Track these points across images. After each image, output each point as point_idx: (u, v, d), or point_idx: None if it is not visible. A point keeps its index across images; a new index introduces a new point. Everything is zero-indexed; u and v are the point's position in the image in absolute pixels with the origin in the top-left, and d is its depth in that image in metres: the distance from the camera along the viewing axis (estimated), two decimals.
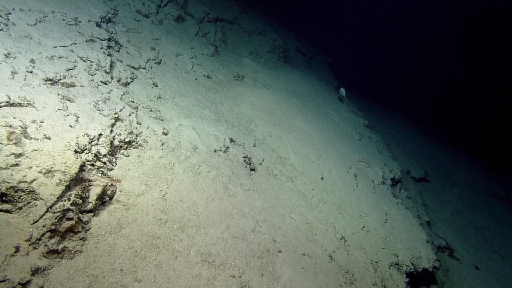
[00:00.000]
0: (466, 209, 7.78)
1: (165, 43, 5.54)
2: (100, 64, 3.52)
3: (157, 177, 3.04)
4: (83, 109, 2.82)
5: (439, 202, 7.47)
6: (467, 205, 7.97)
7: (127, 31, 4.98)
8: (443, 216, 6.96)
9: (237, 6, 9.16)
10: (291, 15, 13.85)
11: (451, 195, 8.09)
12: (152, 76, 4.46)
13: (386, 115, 12.33)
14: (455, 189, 8.50)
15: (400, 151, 8.75)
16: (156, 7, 6.31)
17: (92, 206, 2.24)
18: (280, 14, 12.93)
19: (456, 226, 6.84)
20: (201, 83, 5.21)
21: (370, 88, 14.67)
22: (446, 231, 6.38)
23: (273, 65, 8.22)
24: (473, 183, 9.27)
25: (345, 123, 7.16)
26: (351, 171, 5.19)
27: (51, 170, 2.05)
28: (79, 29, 3.76)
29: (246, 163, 3.94)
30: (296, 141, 5.08)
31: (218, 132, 4.17)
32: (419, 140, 11.08)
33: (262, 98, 5.70)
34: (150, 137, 3.36)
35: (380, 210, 4.73)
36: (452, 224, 6.80)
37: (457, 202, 7.85)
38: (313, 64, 11.30)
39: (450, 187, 8.44)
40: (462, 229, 6.85)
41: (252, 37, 8.62)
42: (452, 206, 7.59)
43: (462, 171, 9.78)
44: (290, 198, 3.89)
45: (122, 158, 2.97)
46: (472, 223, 7.27)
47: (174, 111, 4.11)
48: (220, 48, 7.16)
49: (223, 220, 3.03)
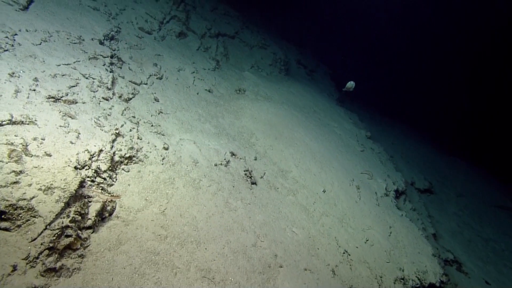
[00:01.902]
0: (474, 221, 7.64)
1: (167, 58, 5.64)
2: (102, 81, 3.59)
3: (157, 192, 3.04)
4: (84, 125, 2.86)
5: (445, 214, 7.35)
6: (475, 217, 7.83)
7: (129, 47, 5.08)
8: (450, 228, 6.83)
9: (239, 21, 9.32)
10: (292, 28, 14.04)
11: (457, 206, 7.96)
12: (154, 91, 4.53)
13: (389, 125, 12.30)
14: (461, 200, 8.37)
15: (403, 162, 8.69)
16: (158, 23, 6.45)
17: (91, 222, 2.24)
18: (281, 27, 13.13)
19: (463, 239, 6.70)
20: (202, 97, 5.26)
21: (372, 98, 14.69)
22: (453, 244, 6.25)
23: (274, 78, 8.30)
24: (480, 194, 9.13)
25: (347, 134, 7.15)
26: (354, 183, 5.15)
27: (51, 187, 2.06)
28: (83, 47, 3.85)
29: (247, 176, 3.93)
30: (298, 153, 5.07)
31: (219, 146, 4.19)
32: (423, 150, 11.00)
33: (263, 111, 5.73)
34: (151, 152, 3.38)
35: (384, 222, 4.66)
36: (459, 237, 6.66)
37: (463, 214, 7.72)
38: (315, 76, 11.39)
39: (456, 198, 8.32)
40: (470, 242, 6.70)
41: (254, 51, 8.74)
42: (458, 218, 7.46)
43: (468, 182, 9.66)
44: (292, 211, 3.86)
45: (123, 174, 2.98)
46: (481, 236, 7.12)
47: (175, 126, 4.14)
48: (222, 62, 7.26)
49: (223, 235, 3.01)
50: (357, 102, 13.08)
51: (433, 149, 11.69)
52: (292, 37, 13.06)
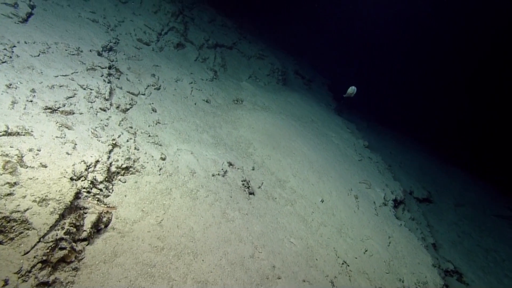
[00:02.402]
0: (473, 231, 7.59)
1: (165, 69, 5.67)
2: (99, 92, 3.60)
3: (154, 203, 3.02)
4: (81, 136, 2.85)
5: (444, 223, 7.31)
6: (474, 226, 7.79)
7: (127, 58, 5.12)
8: (450, 238, 6.78)
9: (236, 32, 9.44)
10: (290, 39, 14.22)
11: (457, 216, 7.93)
12: (151, 101, 4.54)
13: (386, 135, 12.33)
14: (460, 209, 8.34)
15: (402, 171, 8.68)
16: (156, 35, 6.52)
17: (86, 234, 2.21)
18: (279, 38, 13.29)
19: (463, 249, 6.64)
20: (200, 107, 5.28)
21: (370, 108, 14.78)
22: (453, 254, 6.20)
23: (272, 88, 8.35)
24: (478, 203, 9.11)
25: (345, 144, 7.16)
26: (352, 193, 5.13)
27: (46, 198, 2.04)
28: (81, 58, 3.88)
29: (245, 187, 3.91)
30: (296, 163, 5.06)
31: (216, 156, 4.18)
32: (422, 160, 11.01)
33: (260, 121, 5.75)
34: (148, 162, 3.37)
35: (382, 232, 4.63)
36: (459, 247, 6.61)
37: (463, 223, 7.67)
38: (312, 86, 11.47)
39: (455, 208, 8.29)
40: (470, 252, 6.65)
41: (251, 61, 8.82)
42: (458, 228, 7.42)
43: (466, 191, 9.64)
44: (290, 222, 3.83)
45: (119, 184, 2.96)
46: (481, 245, 7.06)
47: (173, 136, 4.14)
48: (219, 72, 7.32)
49: (220, 246, 2.97)
50: (354, 112, 13.15)
51: (431, 158, 11.70)
52: (290, 48, 13.21)
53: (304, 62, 13.20)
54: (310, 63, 13.86)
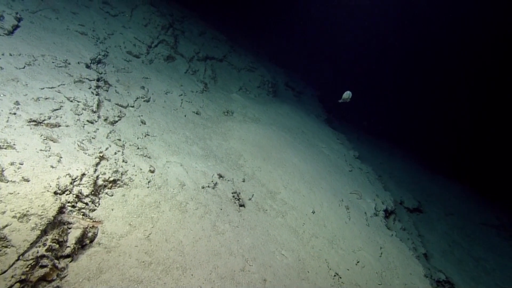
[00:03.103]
0: (464, 240, 7.64)
1: (155, 81, 5.66)
2: (87, 104, 3.55)
3: (142, 217, 2.95)
4: (67, 149, 2.79)
5: (435, 233, 7.34)
6: (464, 236, 7.84)
7: (117, 71, 5.09)
8: (440, 247, 6.80)
9: (227, 45, 9.52)
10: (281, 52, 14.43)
11: (447, 225, 7.98)
12: (140, 114, 4.50)
13: (376, 145, 12.47)
14: (450, 218, 8.40)
15: (392, 181, 8.74)
16: (146, 47, 6.53)
17: (70, 250, 2.13)
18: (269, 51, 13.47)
19: (454, 258, 6.66)
20: (190, 119, 5.26)
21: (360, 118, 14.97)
22: (444, 263, 6.20)
23: (262, 100, 8.40)
24: (468, 212, 9.21)
25: (335, 155, 7.19)
26: (343, 204, 5.12)
27: (27, 214, 1.97)
28: (68, 70, 3.84)
29: (235, 199, 3.87)
30: (286, 175, 5.05)
31: (206, 168, 4.14)
32: (411, 170, 11.13)
33: (251, 133, 5.74)
34: (136, 175, 3.31)
35: (374, 243, 4.61)
36: (450, 256, 6.63)
37: (453, 233, 7.72)
38: (302, 98, 11.59)
39: (445, 217, 8.35)
40: (461, 261, 6.67)
41: (242, 73, 8.89)
42: (448, 237, 7.45)
43: (456, 200, 9.74)
44: (281, 234, 3.79)
45: (106, 198, 2.89)
46: (471, 255, 7.10)
47: (162, 148, 4.09)
48: (210, 85, 7.33)
49: (210, 259, 2.91)
50: (345, 123, 13.30)
51: (421, 169, 11.84)
52: (280, 60, 13.38)
53: (294, 74, 13.37)
54: (300, 75, 14.04)
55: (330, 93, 14.34)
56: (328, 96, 13.97)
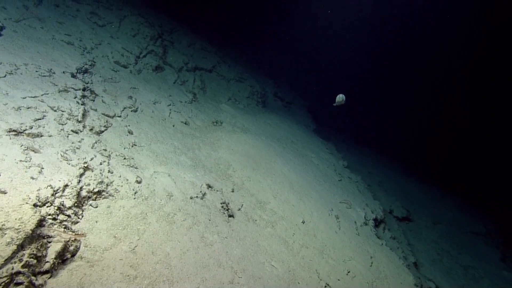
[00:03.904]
0: (452, 248, 7.70)
1: (143, 91, 5.60)
2: (72, 113, 3.47)
3: (128, 229, 2.86)
4: (49, 159, 2.70)
5: (424, 242, 7.38)
6: (453, 244, 7.91)
7: (104, 81, 5.03)
8: (430, 256, 6.83)
9: (216, 56, 9.57)
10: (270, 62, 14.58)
11: (435, 233, 8.04)
12: (128, 124, 4.43)
13: (365, 155, 12.59)
14: (438, 227, 8.48)
15: (381, 190, 8.80)
16: (135, 58, 6.49)
17: (49, 266, 2.04)
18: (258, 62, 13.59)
19: (443, 267, 6.69)
20: (178, 129, 5.20)
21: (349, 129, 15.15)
22: (434, 272, 6.22)
23: (252, 110, 8.41)
24: (455, 220, 9.31)
25: (325, 164, 7.22)
26: (333, 213, 5.10)
27: (2, 228, 1.87)
28: (53, 80, 3.76)
29: (224, 209, 3.81)
30: (276, 184, 5.02)
31: (195, 178, 4.07)
32: (400, 179, 11.26)
33: (240, 143, 5.72)
34: (122, 186, 3.23)
35: (364, 253, 4.58)
36: (439, 265, 6.66)
37: (442, 241, 7.78)
38: (292, 108, 11.67)
39: (433, 226, 8.43)
40: (451, 270, 6.70)
41: (231, 84, 8.91)
42: (437, 246, 7.51)
43: (444, 209, 9.87)
44: (271, 244, 3.73)
45: (90, 210, 2.80)
46: (460, 263, 7.15)
47: (149, 159, 4.02)
48: (199, 95, 7.32)
49: (198, 272, 2.82)
50: (334, 133, 13.42)
51: (409, 178, 11.98)
52: (270, 71, 13.51)
53: (284, 85, 13.49)
54: (290, 86, 14.19)
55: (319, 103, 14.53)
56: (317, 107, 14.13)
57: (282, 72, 14.79)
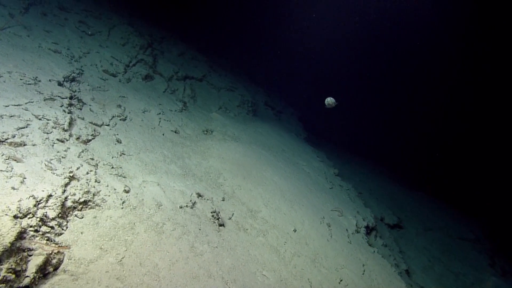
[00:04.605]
0: (443, 255, 7.73)
1: (132, 100, 5.55)
2: (57, 122, 3.39)
3: (115, 239, 2.78)
4: (32, 169, 2.62)
5: (415, 249, 7.39)
6: (443, 250, 7.94)
7: (92, 89, 4.96)
8: (421, 263, 6.84)
9: (206, 65, 9.59)
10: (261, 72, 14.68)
11: (426, 240, 8.07)
12: (116, 132, 4.35)
13: (356, 163, 12.67)
14: (429, 234, 8.52)
15: (372, 198, 8.83)
16: (124, 66, 6.44)
17: (29, 280, 1.94)
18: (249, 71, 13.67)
19: (435, 274, 6.70)
20: (168, 138, 5.14)
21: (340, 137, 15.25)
22: (426, 279, 6.22)
23: (242, 119, 8.40)
24: (445, 227, 9.38)
25: (316, 172, 7.22)
26: (324, 221, 5.08)
27: None
28: (38, 88, 3.68)
29: (214, 218, 3.75)
30: (267, 193, 4.98)
31: (184, 187, 4.01)
32: (390, 186, 11.33)
33: (231, 151, 5.68)
34: (110, 195, 3.15)
35: (356, 260, 4.55)
36: (431, 272, 6.66)
37: (432, 248, 7.81)
38: (282, 117, 11.72)
39: (424, 232, 8.46)
40: (442, 276, 6.71)
41: (221, 93, 8.91)
42: (428, 252, 7.52)
43: (433, 215, 9.94)
44: (262, 253, 3.67)
45: (75, 221, 2.71)
46: (451, 270, 7.16)
47: (138, 168, 3.95)
48: (189, 104, 7.28)
49: (188, 283, 2.75)
50: (325, 141, 13.50)
51: (399, 185, 12.08)
52: (260, 80, 13.59)
53: (274, 94, 13.58)
54: (280, 95, 14.28)
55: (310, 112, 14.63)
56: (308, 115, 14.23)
57: (273, 81, 14.90)
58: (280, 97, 13.89)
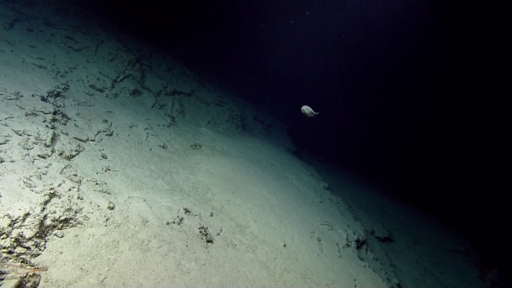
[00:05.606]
0: (433, 268, 7.70)
1: (119, 115, 5.47)
2: (39, 138, 3.30)
3: (97, 259, 2.67)
4: (9, 186, 2.52)
5: (406, 262, 7.35)
6: (434, 263, 7.92)
7: (77, 104, 4.88)
8: (412, 276, 6.79)
9: (195, 80, 9.61)
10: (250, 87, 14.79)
11: (416, 253, 8.05)
12: (102, 148, 4.27)
13: (346, 176, 12.71)
14: (419, 246, 8.52)
15: (362, 211, 8.82)
16: (111, 81, 6.39)
17: None
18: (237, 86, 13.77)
19: (426, 287, 6.65)
20: (155, 153, 5.06)
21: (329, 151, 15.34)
22: None
23: (231, 133, 8.38)
24: (435, 239, 9.41)
25: (305, 186, 7.19)
26: (315, 236, 5.02)
27: None
28: (19, 103, 3.59)
29: (202, 234, 3.65)
30: (256, 207, 4.91)
31: (172, 203, 3.92)
32: (379, 200, 11.36)
33: (219, 166, 5.62)
34: (93, 212, 3.05)
35: (347, 275, 4.48)
36: (422, 285, 6.61)
37: (423, 261, 7.78)
38: (271, 131, 11.75)
39: (414, 245, 8.46)
40: None
41: (210, 107, 8.91)
42: (419, 265, 7.49)
43: (423, 228, 9.98)
44: (251, 270, 3.57)
45: (55, 240, 2.60)
46: (441, 283, 7.13)
47: (124, 183, 3.85)
48: (178, 118, 7.24)
49: None
50: (314, 155, 13.55)
51: (388, 197, 12.14)
52: (249, 95, 13.69)
53: (263, 109, 13.66)
54: (270, 109, 14.37)
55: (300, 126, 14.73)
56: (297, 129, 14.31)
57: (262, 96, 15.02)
58: (269, 112, 13.97)
